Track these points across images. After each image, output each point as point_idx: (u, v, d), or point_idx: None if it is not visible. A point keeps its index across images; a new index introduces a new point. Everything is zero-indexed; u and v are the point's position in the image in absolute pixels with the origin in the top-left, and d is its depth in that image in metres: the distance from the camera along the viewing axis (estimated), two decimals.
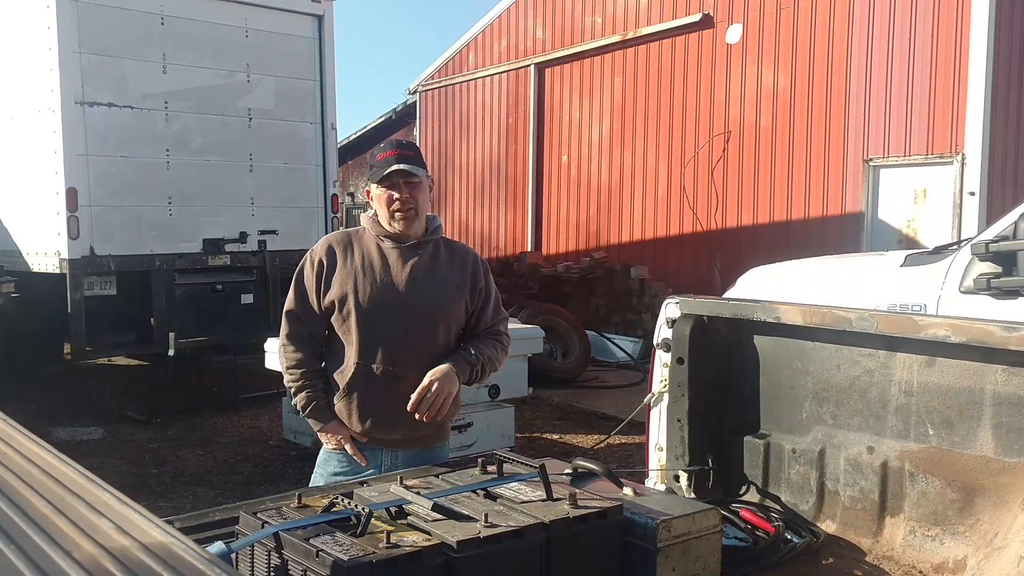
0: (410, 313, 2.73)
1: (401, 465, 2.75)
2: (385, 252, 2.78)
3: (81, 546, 1.04)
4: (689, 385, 2.88)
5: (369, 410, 2.75)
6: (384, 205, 2.74)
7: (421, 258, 2.79)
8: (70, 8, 7.41)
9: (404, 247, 2.78)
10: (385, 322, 2.72)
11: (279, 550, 1.87)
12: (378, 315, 2.72)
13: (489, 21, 15.20)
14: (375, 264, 2.76)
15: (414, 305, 2.74)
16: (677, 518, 2.11)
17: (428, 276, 2.78)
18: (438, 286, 2.79)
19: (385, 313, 2.72)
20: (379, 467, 2.79)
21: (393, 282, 2.75)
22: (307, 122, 8.98)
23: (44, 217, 7.69)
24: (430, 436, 2.85)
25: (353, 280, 2.74)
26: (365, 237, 2.83)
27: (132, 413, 8.01)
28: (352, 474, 2.77)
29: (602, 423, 7.94)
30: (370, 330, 2.72)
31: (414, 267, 2.77)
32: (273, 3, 8.64)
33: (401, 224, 2.75)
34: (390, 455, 2.81)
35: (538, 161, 14.38)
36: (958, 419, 2.40)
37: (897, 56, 9.78)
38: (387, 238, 2.79)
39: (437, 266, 2.81)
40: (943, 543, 2.40)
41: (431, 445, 2.86)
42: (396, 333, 2.73)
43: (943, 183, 9.50)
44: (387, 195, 2.73)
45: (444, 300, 2.80)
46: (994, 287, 4.69)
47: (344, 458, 2.82)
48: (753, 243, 10.98)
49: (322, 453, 2.90)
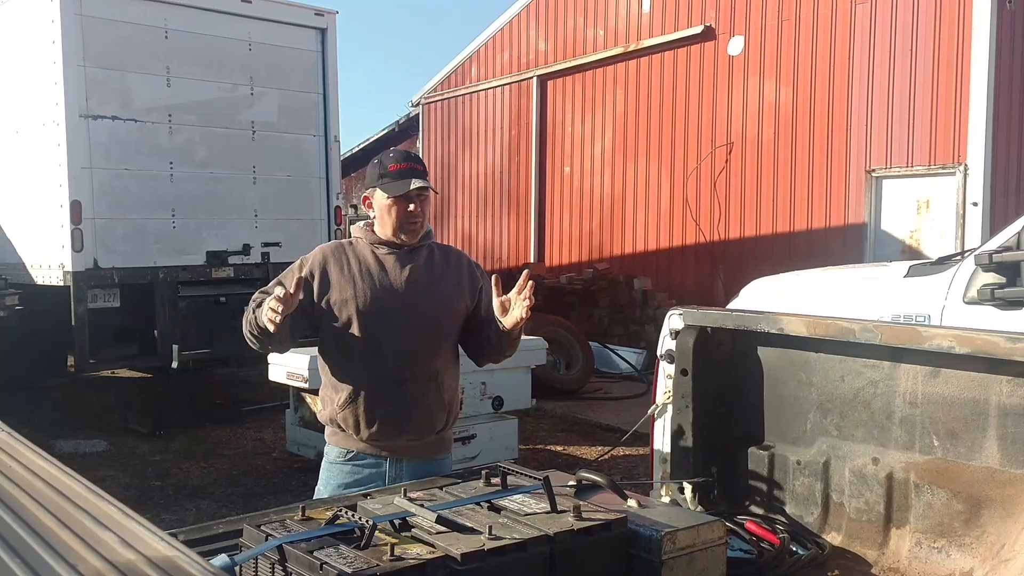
0: (413, 315, 2.75)
1: (406, 476, 2.75)
2: (381, 258, 2.81)
3: (86, 560, 1.04)
4: (693, 396, 2.88)
5: (376, 414, 2.75)
6: (395, 217, 2.75)
7: (418, 262, 2.82)
8: (74, 22, 7.45)
9: (400, 252, 2.81)
10: (389, 325, 2.74)
11: (283, 563, 1.86)
12: (381, 319, 2.74)
13: (491, 34, 15.25)
14: (373, 270, 2.78)
15: (417, 307, 2.76)
16: (682, 530, 2.11)
17: (427, 278, 2.81)
18: (438, 288, 2.82)
19: (388, 316, 2.74)
20: (383, 478, 2.78)
21: (394, 286, 2.77)
22: (310, 134, 9.00)
23: (48, 229, 7.71)
24: (433, 445, 2.85)
25: (352, 286, 2.75)
26: (358, 246, 2.85)
27: (135, 425, 8.01)
28: (357, 486, 2.76)
29: (606, 435, 7.93)
30: (374, 334, 2.73)
31: (413, 270, 2.80)
32: (276, 16, 8.68)
33: (409, 236, 2.78)
34: (395, 465, 2.80)
35: (541, 173, 14.41)
36: (963, 430, 2.40)
37: (899, 66, 9.80)
38: (382, 245, 2.82)
39: (434, 269, 2.85)
40: (949, 555, 2.39)
41: (434, 456, 2.86)
42: (400, 336, 2.74)
43: (946, 194, 9.50)
44: (402, 208, 2.74)
45: (445, 301, 2.83)
46: (998, 298, 4.68)
47: (349, 469, 2.82)
48: (756, 254, 10.97)
49: (324, 466, 2.89)
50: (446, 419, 2.87)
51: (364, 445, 2.79)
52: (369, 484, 2.75)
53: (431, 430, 2.82)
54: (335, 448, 2.86)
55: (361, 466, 2.81)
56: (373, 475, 2.80)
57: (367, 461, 2.81)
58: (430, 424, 2.82)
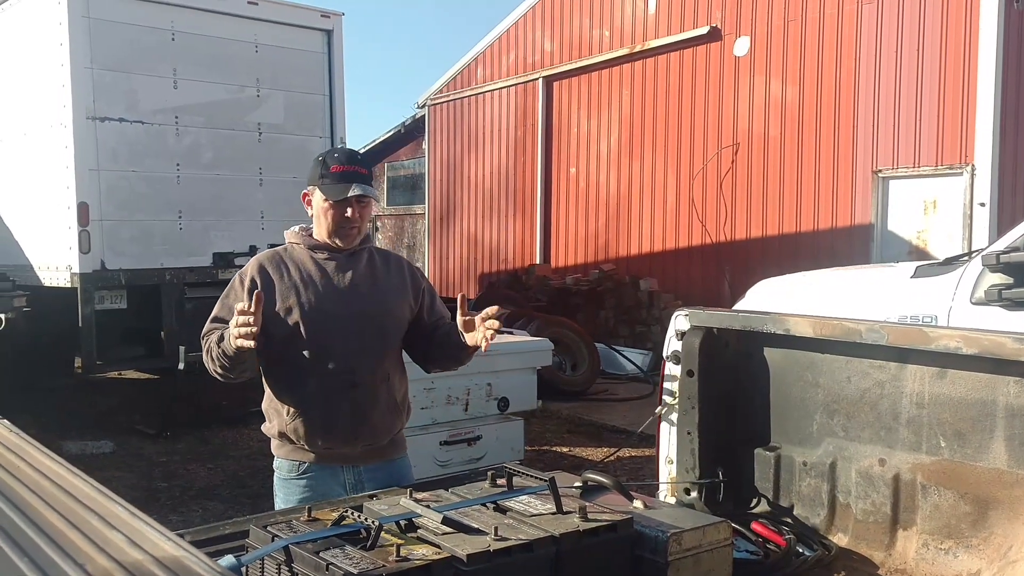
0: (360, 319, 2.71)
1: (365, 480, 2.71)
2: (322, 263, 2.75)
3: (95, 560, 1.04)
4: (699, 397, 2.87)
5: (329, 423, 2.68)
6: (331, 220, 2.70)
7: (358, 266, 2.77)
8: (82, 25, 7.47)
9: (340, 257, 2.76)
10: (336, 330, 2.68)
11: (289, 563, 1.86)
12: (327, 324, 2.68)
13: (497, 35, 15.26)
14: (314, 276, 2.73)
15: (363, 311, 2.72)
16: (688, 531, 2.11)
17: (370, 282, 2.77)
18: (381, 291, 2.79)
19: (334, 321, 2.69)
20: (343, 485, 2.72)
21: (337, 290, 2.72)
22: (316, 136, 9.01)
23: (56, 231, 7.74)
24: (389, 447, 2.82)
25: (295, 294, 2.69)
26: (296, 251, 2.79)
27: (142, 427, 8.03)
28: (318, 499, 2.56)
29: (612, 436, 7.92)
30: (321, 340, 2.67)
31: (354, 275, 2.75)
32: (283, 18, 8.69)
33: (345, 241, 2.74)
34: (352, 471, 2.74)
35: (546, 174, 14.41)
36: (970, 431, 2.39)
37: (906, 66, 9.78)
38: (320, 249, 2.77)
39: (375, 272, 2.80)
40: (956, 556, 2.39)
41: (391, 457, 2.83)
42: (348, 340, 2.68)
43: (953, 194, 9.47)
44: (338, 213, 2.70)
45: (389, 303, 2.79)
46: (1005, 298, 4.67)
47: (304, 484, 2.73)
48: (762, 255, 10.96)
49: (278, 483, 2.80)
50: (399, 420, 2.84)
51: (316, 456, 2.72)
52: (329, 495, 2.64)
53: (387, 433, 2.78)
54: (286, 462, 2.77)
55: (316, 479, 2.72)
56: (332, 485, 2.71)
57: (323, 472, 2.73)
58: (385, 427, 2.78)
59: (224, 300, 2.78)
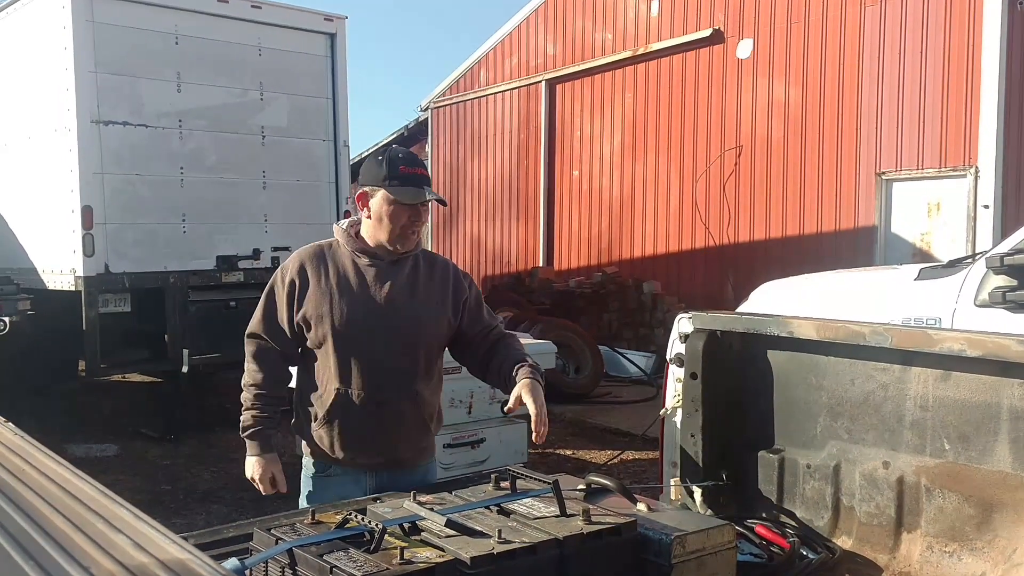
0: (391, 336, 2.59)
1: (388, 486, 2.65)
2: (362, 269, 2.63)
3: (99, 563, 1.04)
4: (703, 400, 2.87)
5: (353, 438, 2.63)
6: (398, 224, 2.58)
7: (400, 276, 2.64)
8: (86, 28, 7.49)
9: (383, 264, 2.63)
10: (365, 346, 2.58)
11: (293, 566, 1.87)
12: (356, 339, 2.58)
13: (500, 38, 15.27)
14: (352, 283, 2.61)
15: (394, 327, 2.59)
16: (691, 534, 2.10)
17: (409, 295, 2.63)
18: (419, 305, 2.64)
19: (364, 336, 2.58)
20: (364, 490, 2.67)
21: (372, 303, 2.60)
22: (320, 139, 9.03)
23: (60, 235, 7.75)
24: (415, 456, 2.75)
25: (329, 301, 2.59)
26: (339, 252, 2.67)
27: (146, 430, 8.04)
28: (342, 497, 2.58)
29: (615, 439, 7.92)
30: (349, 355, 2.58)
31: (393, 286, 2.61)
32: (286, 22, 8.71)
33: (406, 245, 2.62)
34: (374, 476, 2.69)
35: (549, 177, 14.41)
36: (974, 434, 2.38)
37: (909, 69, 9.77)
38: (364, 254, 2.64)
39: (417, 283, 2.66)
40: (961, 559, 2.38)
41: (417, 464, 2.76)
42: (376, 357, 2.58)
43: (957, 196, 9.46)
44: (406, 217, 2.58)
45: (426, 320, 2.65)
46: (1010, 300, 4.65)
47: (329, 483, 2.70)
48: (766, 257, 10.95)
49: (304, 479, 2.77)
50: (427, 436, 2.77)
51: (341, 461, 2.68)
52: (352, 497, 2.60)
53: (412, 448, 2.72)
54: (310, 460, 2.74)
55: (340, 482, 2.68)
56: (354, 490, 2.65)
57: (348, 476, 2.69)
58: (410, 443, 2.71)
59: (264, 306, 2.73)
